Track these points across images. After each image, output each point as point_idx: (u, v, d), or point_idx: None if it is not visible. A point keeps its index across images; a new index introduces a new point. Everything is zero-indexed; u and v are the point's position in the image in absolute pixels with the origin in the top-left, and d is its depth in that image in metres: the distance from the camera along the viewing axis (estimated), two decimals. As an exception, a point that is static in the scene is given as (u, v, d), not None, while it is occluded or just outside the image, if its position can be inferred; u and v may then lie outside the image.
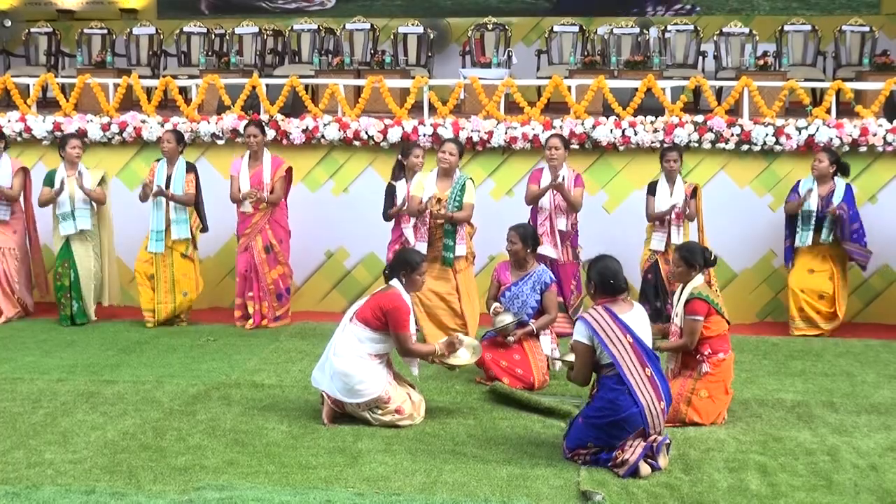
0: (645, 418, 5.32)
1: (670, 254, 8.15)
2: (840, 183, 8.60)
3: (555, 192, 8.34)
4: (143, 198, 8.86)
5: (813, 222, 8.54)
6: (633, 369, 5.34)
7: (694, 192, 8.55)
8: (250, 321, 8.89)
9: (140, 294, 9.01)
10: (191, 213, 8.94)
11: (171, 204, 8.82)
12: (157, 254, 8.88)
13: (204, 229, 9.08)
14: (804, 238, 8.58)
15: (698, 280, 6.20)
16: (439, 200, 7.67)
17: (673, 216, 8.47)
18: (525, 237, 7.21)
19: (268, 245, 8.83)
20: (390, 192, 8.52)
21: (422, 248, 7.61)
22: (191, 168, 8.98)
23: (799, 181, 8.73)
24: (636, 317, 5.52)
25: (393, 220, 8.54)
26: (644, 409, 5.31)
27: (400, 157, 8.70)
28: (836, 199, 8.50)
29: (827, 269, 8.66)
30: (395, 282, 6.19)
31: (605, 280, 5.52)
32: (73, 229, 8.94)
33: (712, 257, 6.31)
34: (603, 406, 5.38)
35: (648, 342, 5.50)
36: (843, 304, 8.68)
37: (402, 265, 6.23)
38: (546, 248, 8.38)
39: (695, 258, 6.21)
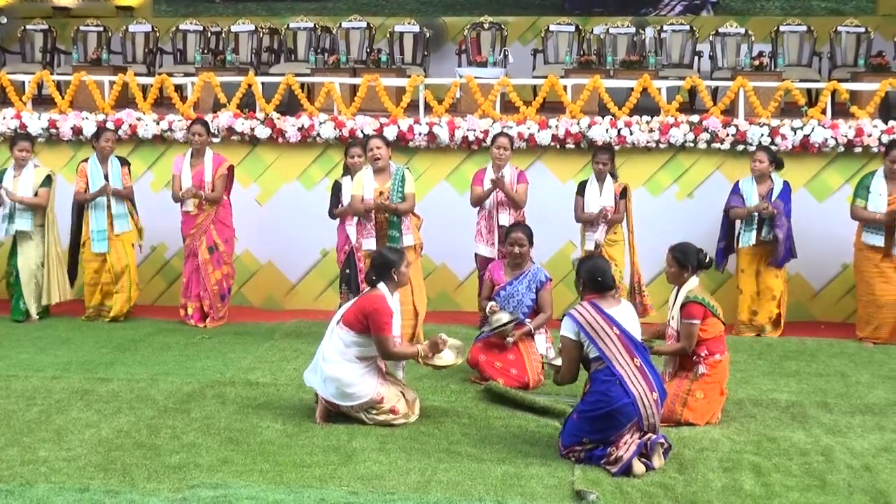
0: (638, 409, 5.35)
1: (604, 252, 8.25)
2: (777, 180, 8.61)
3: (497, 189, 8.31)
4: (85, 200, 8.86)
5: (755, 223, 8.54)
6: (621, 361, 5.39)
7: (623, 193, 8.48)
8: (190, 310, 8.89)
9: (86, 293, 9.06)
10: (132, 208, 9.01)
11: (112, 200, 8.85)
12: (101, 253, 8.90)
13: None
14: (748, 239, 8.57)
15: (693, 282, 6.17)
16: (381, 193, 7.65)
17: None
18: (531, 237, 7.22)
19: (212, 245, 8.80)
20: (336, 190, 8.41)
21: (369, 243, 7.58)
22: (124, 162, 9.03)
23: (738, 181, 8.71)
24: (623, 311, 5.58)
25: (338, 221, 8.43)
26: (636, 400, 5.34)
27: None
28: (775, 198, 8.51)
29: (771, 268, 8.65)
30: (381, 285, 6.14)
31: (594, 278, 5.61)
32: (8, 232, 8.97)
33: (707, 259, 6.27)
34: (596, 399, 5.41)
35: (636, 335, 5.55)
36: (784, 305, 8.71)
37: (386, 265, 6.16)
38: (479, 247, 8.43)
39: (688, 259, 6.17)
